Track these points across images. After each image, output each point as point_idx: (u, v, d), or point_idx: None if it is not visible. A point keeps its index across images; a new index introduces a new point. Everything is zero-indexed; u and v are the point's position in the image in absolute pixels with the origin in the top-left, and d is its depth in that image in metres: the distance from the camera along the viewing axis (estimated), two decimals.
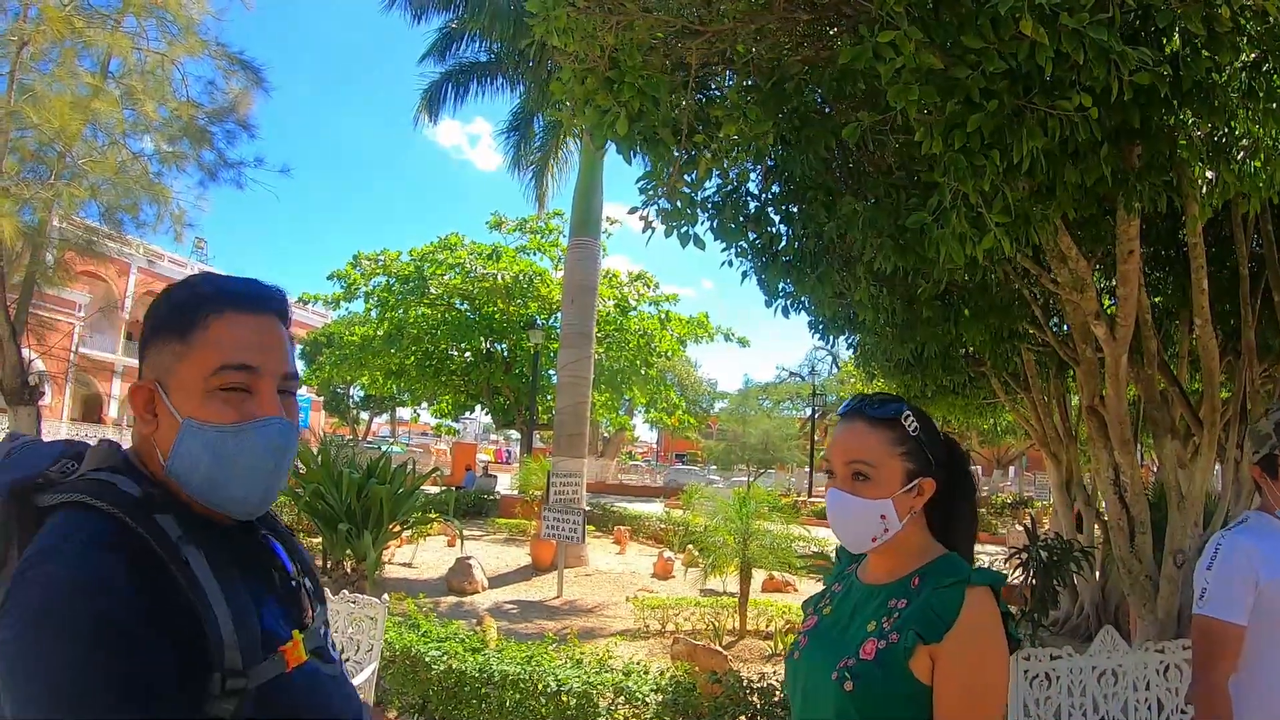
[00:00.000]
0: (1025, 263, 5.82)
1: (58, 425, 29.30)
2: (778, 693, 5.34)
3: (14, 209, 9.69)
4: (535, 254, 29.36)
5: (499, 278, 27.54)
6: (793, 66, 4.07)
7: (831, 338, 8.29)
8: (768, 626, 10.14)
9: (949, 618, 1.66)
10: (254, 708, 1.18)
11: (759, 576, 11.54)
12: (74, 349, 12.97)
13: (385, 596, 5.32)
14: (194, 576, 1.16)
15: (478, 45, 19.20)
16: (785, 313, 6.39)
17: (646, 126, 4.08)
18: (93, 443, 1.33)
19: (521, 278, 27.85)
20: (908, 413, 1.85)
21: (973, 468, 2.16)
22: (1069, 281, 5.50)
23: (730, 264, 5.64)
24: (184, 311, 1.26)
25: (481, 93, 19.81)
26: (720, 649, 7.86)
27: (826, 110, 4.36)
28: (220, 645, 1.15)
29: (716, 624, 9.95)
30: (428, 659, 5.66)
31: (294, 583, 1.40)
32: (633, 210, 4.40)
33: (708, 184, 4.65)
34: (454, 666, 5.55)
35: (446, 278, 27.97)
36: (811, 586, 13.31)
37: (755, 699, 5.31)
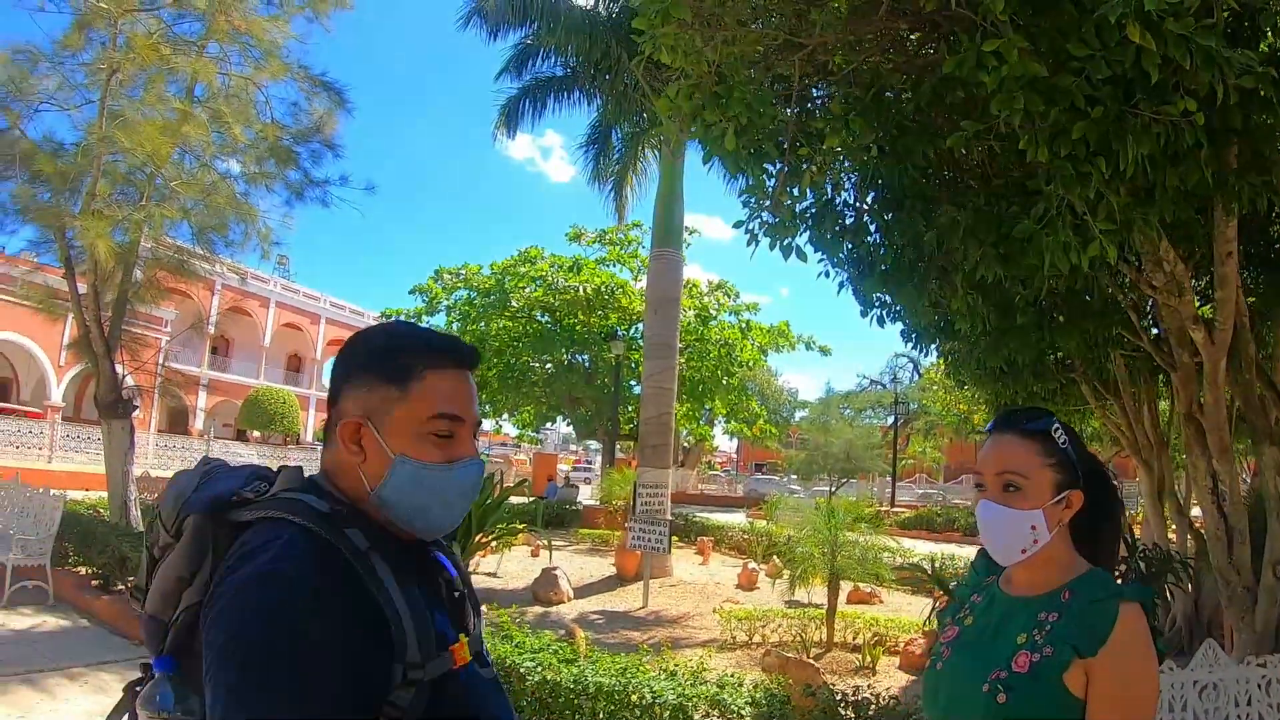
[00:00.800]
0: (1123, 268, 5.70)
1: (146, 437, 30.21)
2: (872, 706, 5.28)
3: (107, 230, 9.99)
4: (615, 265, 29.49)
5: (580, 290, 27.70)
6: (892, 77, 4.05)
7: (924, 346, 8.18)
8: (855, 639, 10.03)
9: (1103, 632, 1.68)
10: (427, 700, 1.30)
11: (845, 588, 11.41)
12: (161, 364, 13.33)
13: (485, 609, 5.37)
14: (380, 580, 1.30)
15: (553, 60, 19.31)
16: (880, 322, 6.34)
17: (751, 140, 4.09)
18: (274, 467, 1.50)
19: (603, 289, 27.95)
20: (1057, 426, 1.88)
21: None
22: (1166, 285, 5.37)
23: (827, 275, 5.62)
24: (397, 360, 1.43)
25: (558, 107, 19.91)
26: (812, 661, 7.80)
27: (924, 120, 4.32)
28: (404, 639, 1.28)
29: (804, 636, 9.89)
30: (522, 669, 5.68)
31: (457, 593, 1.53)
32: (737, 224, 4.42)
33: (805, 198, 4.64)
34: (548, 678, 5.57)
35: (527, 290, 28.24)
36: (899, 599, 13.16)
37: (850, 713, 5.25)
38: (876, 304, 6.10)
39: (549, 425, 43.82)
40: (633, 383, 28.83)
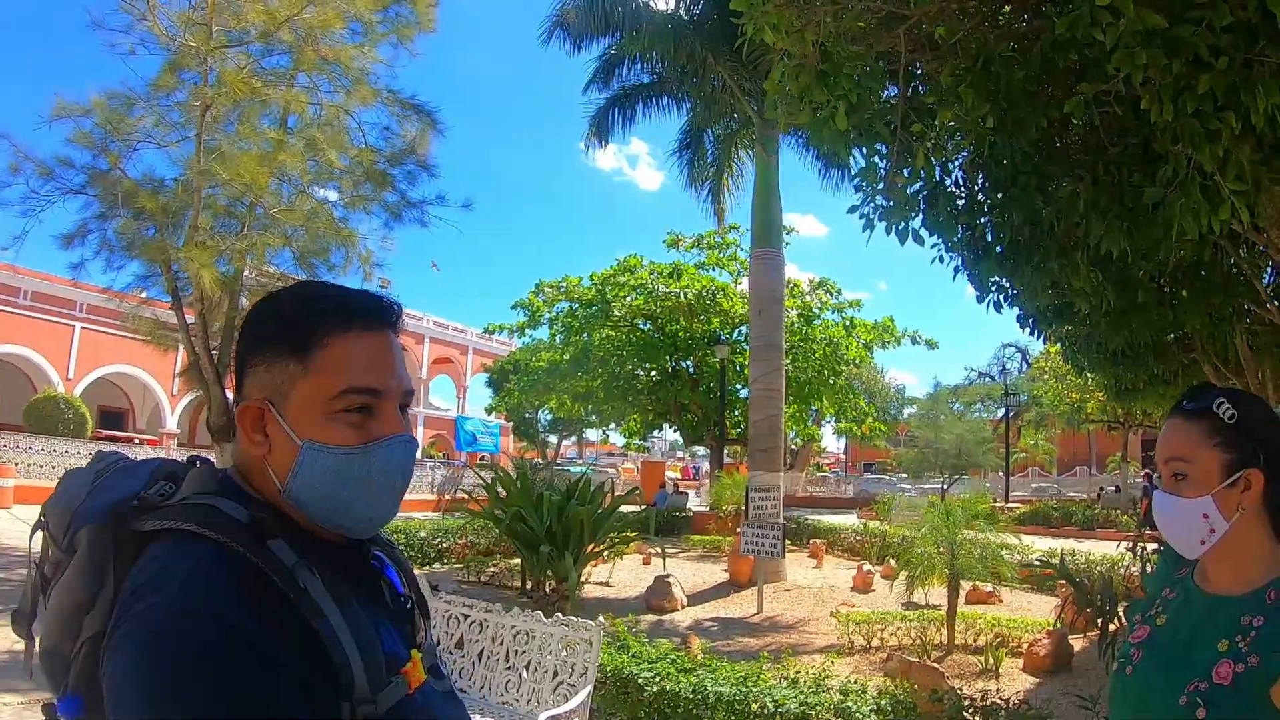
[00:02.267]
0: (1251, 234, 5.36)
1: None
2: (1001, 712, 5.06)
3: (211, 260, 10.27)
4: (715, 269, 29.31)
5: (681, 295, 27.58)
6: (999, 45, 3.84)
7: (1041, 330, 7.85)
8: (976, 641, 9.75)
9: None
10: None
11: (963, 589, 11.04)
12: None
13: (601, 619, 5.30)
14: (314, 604, 1.10)
15: (640, 67, 19.35)
16: (998, 307, 6.08)
17: (861, 120, 3.94)
18: (182, 459, 1.29)
19: (704, 293, 27.78)
20: (1221, 400, 1.69)
21: None
22: None
23: (941, 260, 5.41)
24: (299, 328, 1.19)
25: (648, 114, 20.01)
26: (936, 666, 7.55)
27: (1036, 89, 4.10)
28: (348, 672, 1.10)
29: (924, 638, 9.62)
30: (640, 680, 5.58)
31: (404, 600, 1.35)
32: (852, 209, 4.28)
33: (916, 180, 4.47)
34: (666, 688, 5.45)
35: (629, 299, 28.18)
36: (1020, 598, 12.73)
37: (978, 718, 5.03)
38: (993, 288, 5.85)
39: (656, 433, 43.88)
40: (738, 386, 28.63)
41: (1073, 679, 8.34)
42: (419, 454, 51.33)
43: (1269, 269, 6.45)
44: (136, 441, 31.51)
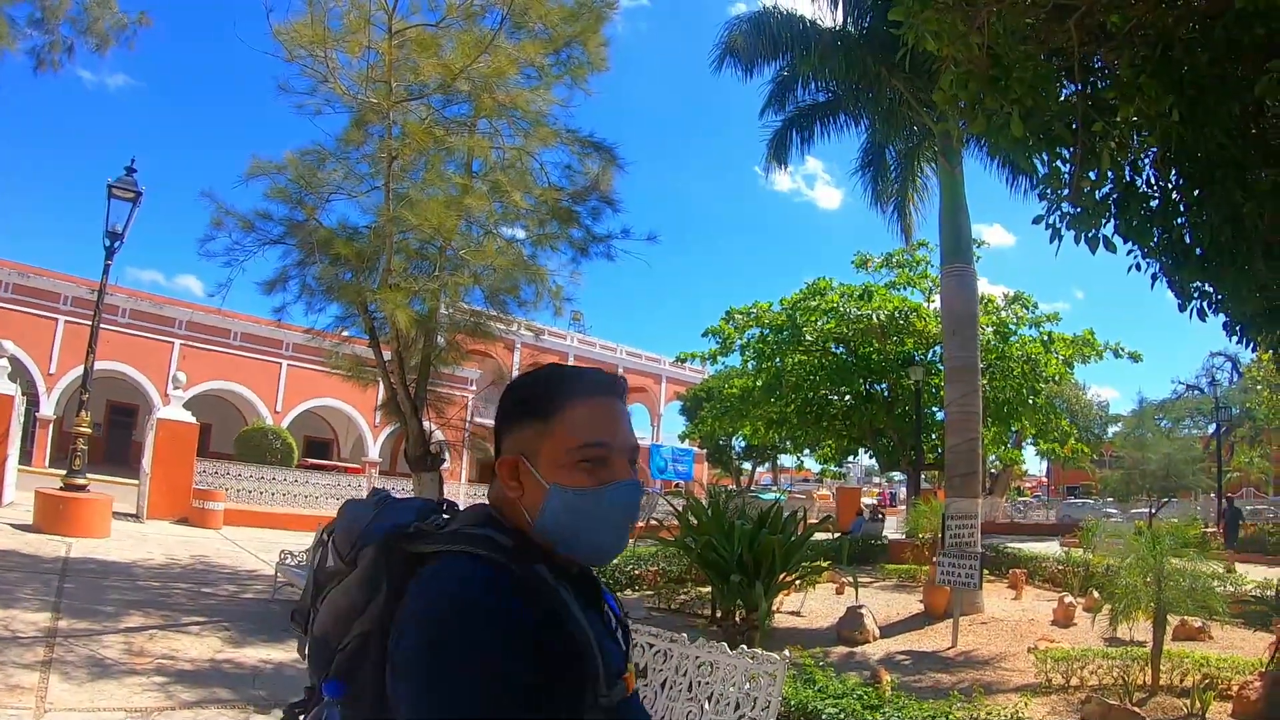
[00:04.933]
0: None
1: (457, 487, 32.37)
2: None
3: (405, 301, 10.67)
4: (905, 288, 28.60)
5: (873, 317, 26.99)
6: (1178, 28, 3.52)
7: (1250, 338, 7.21)
8: (1182, 682, 9.05)
9: None
10: None
11: (1170, 623, 10.20)
12: (469, 420, 14.20)
13: (786, 653, 5.13)
14: (572, 612, 1.37)
15: (813, 87, 19.15)
16: (1201, 315, 5.63)
17: (1038, 124, 3.69)
18: (433, 498, 1.66)
19: (896, 314, 27.10)
20: None
21: None
22: None
23: (1138, 267, 5.05)
24: (544, 399, 1.49)
25: (825, 133, 19.78)
26: (1135, 709, 7.00)
27: (1222, 72, 3.73)
28: (594, 665, 1.35)
29: (1126, 678, 8.99)
30: (824, 716, 5.39)
31: (614, 625, 1.60)
32: (1037, 220, 4.04)
33: (1104, 183, 4.15)
34: None
35: (820, 323, 27.77)
36: (1232, 634, 11.78)
37: None
38: (1195, 295, 5.41)
39: (851, 459, 43.06)
40: (934, 409, 27.74)
41: None
42: None
43: None
44: (341, 470, 33.15)
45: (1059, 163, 3.98)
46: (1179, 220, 4.81)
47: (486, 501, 1.56)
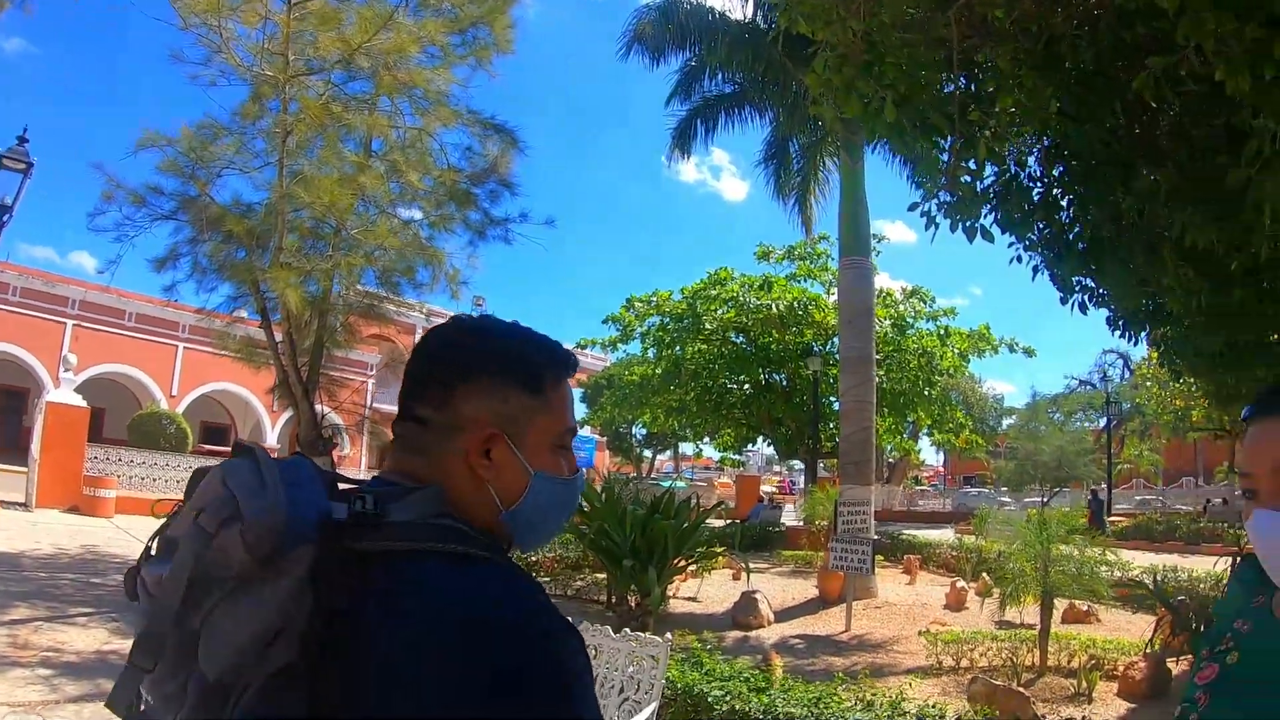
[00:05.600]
0: None
1: (356, 473, 31.92)
2: None
3: (297, 280, 10.45)
4: (805, 280, 28.97)
5: (773, 308, 27.25)
6: (1062, 25, 3.60)
7: (1133, 334, 7.44)
8: (1069, 663, 9.32)
9: None
10: None
11: (1058, 607, 10.55)
12: (368, 405, 13.97)
13: (668, 635, 5.16)
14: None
15: (720, 78, 19.25)
16: (1083, 308, 5.79)
17: (915, 112, 3.73)
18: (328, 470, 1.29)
19: (795, 305, 27.42)
20: None
21: None
22: None
23: (1019, 259, 5.17)
24: (535, 365, 1.26)
25: (730, 124, 19.94)
26: (1021, 689, 7.21)
27: (1106, 68, 3.83)
28: None
29: (1015, 660, 9.23)
30: (710, 699, 5.42)
31: None
32: (912, 207, 4.08)
33: (985, 174, 4.23)
34: (736, 707, 5.27)
35: (720, 312, 27.97)
36: (1118, 618, 12.20)
37: None
38: (1077, 288, 5.55)
39: (750, 447, 43.52)
40: (832, 399, 28.14)
41: (1170, 705, 7.85)
42: None
43: None
44: None
45: (937, 151, 4.04)
46: (1061, 214, 4.94)
47: (392, 477, 1.21)
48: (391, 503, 1.10)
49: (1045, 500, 36.71)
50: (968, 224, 4.10)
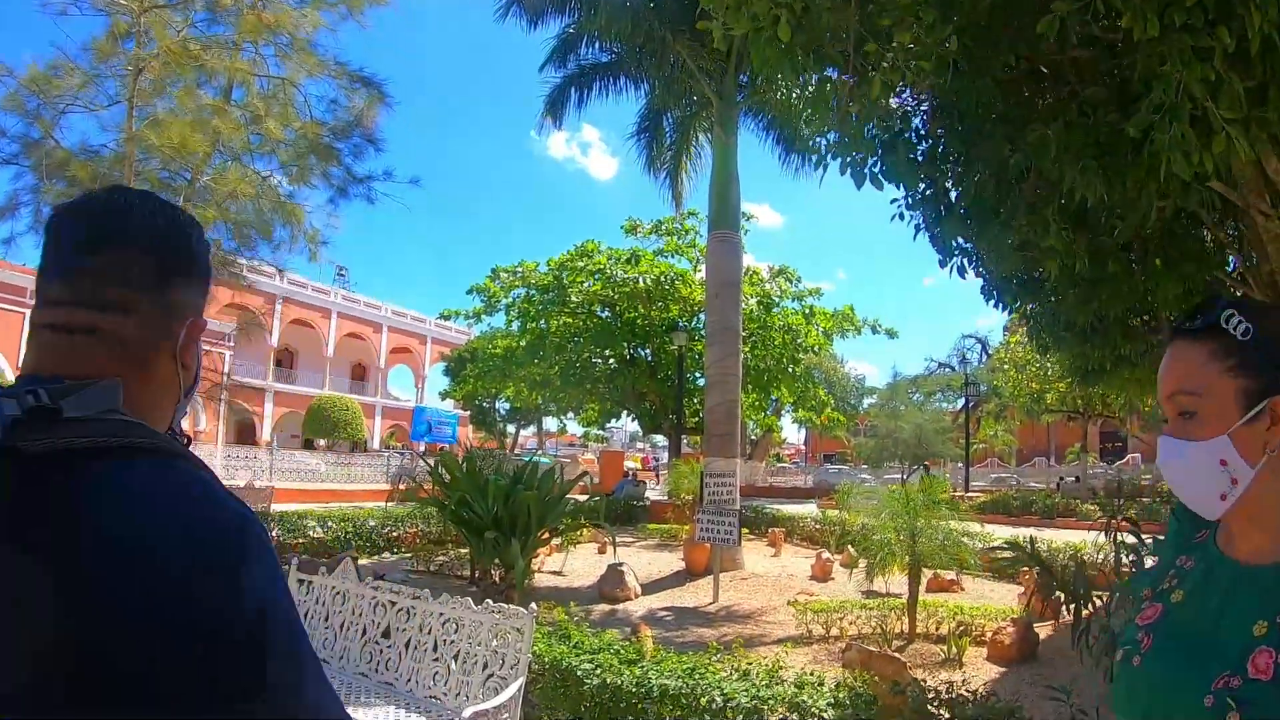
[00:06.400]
0: (1229, 194, 4.98)
1: (213, 449, 30.71)
2: (969, 704, 4.71)
3: None
4: (673, 256, 28.89)
5: (639, 281, 27.07)
6: None
7: (1006, 302, 7.50)
8: (938, 629, 9.44)
9: None
10: None
11: (924, 576, 10.69)
12: (226, 376, 13.20)
13: (533, 606, 4.89)
14: None
15: (597, 47, 18.92)
16: (961, 272, 5.73)
17: (810, 39, 3.50)
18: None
19: (662, 279, 27.28)
20: (1231, 312, 1.27)
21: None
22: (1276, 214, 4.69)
23: (901, 216, 5.05)
24: (200, 256, 1.14)
25: (605, 94, 19.58)
26: (896, 654, 7.20)
27: (1007, 13, 3.69)
28: None
29: (884, 628, 9.32)
30: (579, 672, 5.17)
31: None
32: (806, 150, 3.88)
33: (871, 121, 4.05)
34: (608, 681, 5.03)
35: (586, 285, 27.66)
36: (981, 585, 12.47)
37: (944, 712, 4.68)
38: (956, 251, 5.47)
39: (614, 422, 43.46)
40: (697, 375, 28.29)
41: (1040, 668, 8.07)
42: (376, 444, 51.38)
43: (1237, 243, 6.14)
44: None
45: (829, 88, 3.86)
46: (946, 173, 4.83)
47: (50, 373, 0.98)
48: (65, 399, 0.92)
49: (904, 477, 37.67)
50: (856, 168, 3.93)
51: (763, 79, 18.43)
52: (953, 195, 4.96)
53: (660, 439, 45.76)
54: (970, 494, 32.72)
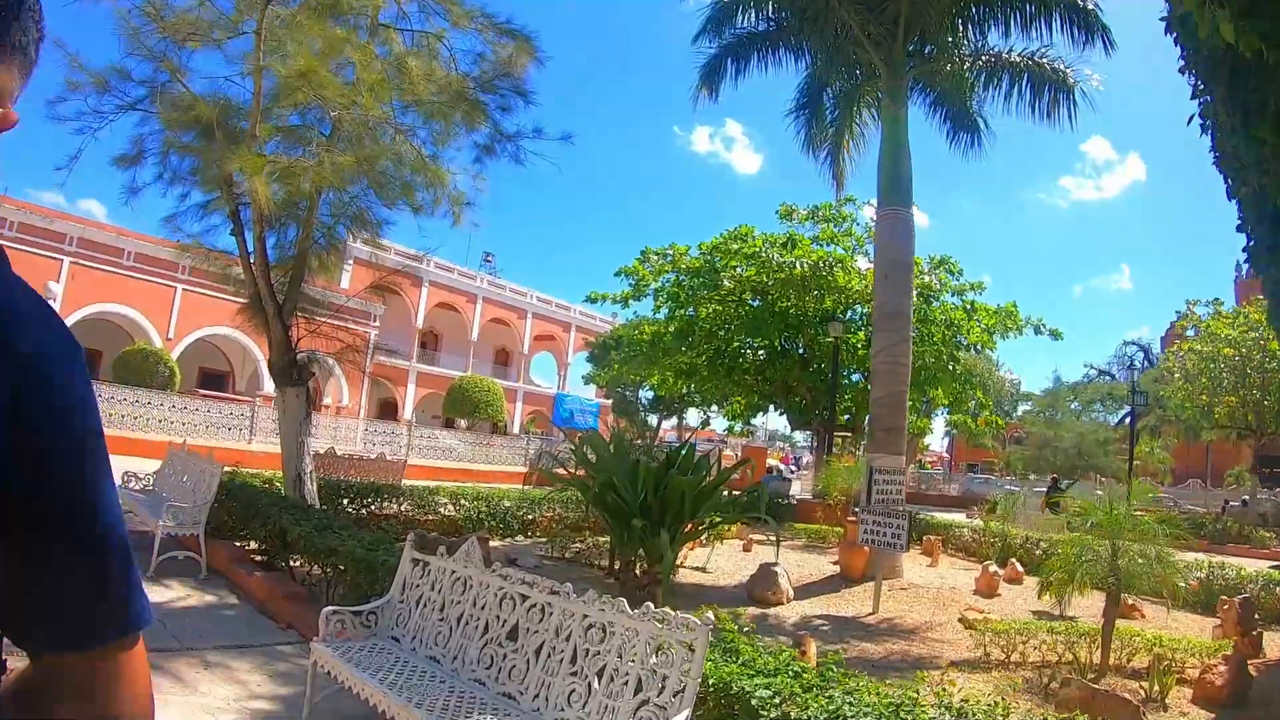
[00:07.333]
0: None
1: (356, 423, 30.97)
2: None
3: (263, 169, 8.95)
4: (829, 245, 27.37)
5: (796, 266, 25.60)
6: None
7: (1261, 265, 6.12)
8: (1129, 662, 8.18)
9: None
10: None
11: (1098, 599, 9.26)
12: (369, 356, 12.69)
13: (709, 616, 3.87)
14: None
15: (754, 15, 17.76)
16: (1253, 203, 4.50)
17: None
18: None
19: (820, 264, 25.74)
20: None
21: None
22: None
23: (1201, 116, 3.90)
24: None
25: (763, 65, 18.29)
26: (1129, 696, 5.93)
27: None
28: None
29: (1075, 656, 8.11)
30: (754, 701, 4.02)
31: None
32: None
33: None
34: (792, 715, 3.90)
35: (739, 269, 26.40)
36: (1160, 614, 11.15)
37: None
38: (1254, 169, 4.22)
39: (759, 417, 42.24)
40: (850, 369, 26.85)
41: (1253, 713, 6.98)
42: (516, 428, 52.07)
43: None
44: (230, 400, 31.70)
45: None
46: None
47: None
48: None
49: (1048, 490, 35.57)
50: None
51: (933, 49, 17.17)
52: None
53: (800, 439, 44.47)
54: (1135, 513, 30.45)
